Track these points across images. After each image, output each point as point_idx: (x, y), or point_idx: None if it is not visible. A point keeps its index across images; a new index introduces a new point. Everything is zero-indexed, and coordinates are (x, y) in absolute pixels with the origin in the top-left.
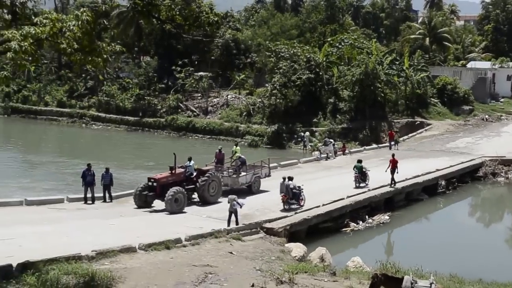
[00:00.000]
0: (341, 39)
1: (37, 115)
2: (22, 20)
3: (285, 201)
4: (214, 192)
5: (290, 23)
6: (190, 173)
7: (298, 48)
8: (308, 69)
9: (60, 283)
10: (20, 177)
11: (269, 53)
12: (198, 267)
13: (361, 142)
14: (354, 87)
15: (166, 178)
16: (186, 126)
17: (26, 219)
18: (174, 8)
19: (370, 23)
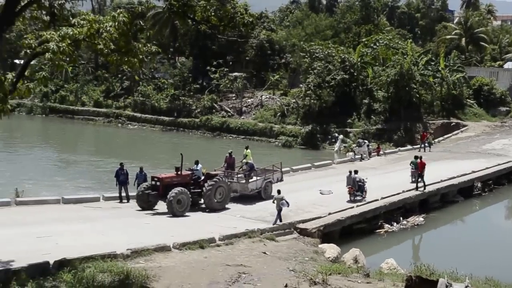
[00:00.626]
0: (376, 39)
1: (74, 115)
2: (60, 21)
3: (351, 193)
4: (222, 198)
5: (325, 23)
6: (197, 176)
7: (332, 49)
8: (343, 69)
9: (95, 281)
10: (56, 175)
11: (304, 54)
12: (232, 267)
13: (396, 143)
14: (389, 87)
15: (171, 179)
16: (220, 126)
17: (63, 217)
18: (209, 9)
19: (405, 24)
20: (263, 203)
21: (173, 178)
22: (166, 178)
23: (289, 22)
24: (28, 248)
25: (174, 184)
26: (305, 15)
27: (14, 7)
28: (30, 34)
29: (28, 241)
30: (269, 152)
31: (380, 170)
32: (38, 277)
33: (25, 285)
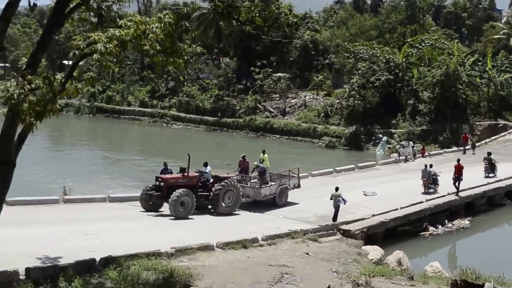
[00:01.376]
0: (422, 39)
1: (120, 114)
2: (107, 23)
3: (426, 185)
4: (231, 203)
5: (369, 23)
6: (206, 179)
7: (377, 49)
8: (387, 70)
9: (140, 278)
10: (103, 174)
11: (348, 54)
12: (275, 267)
13: (441, 145)
14: (435, 88)
15: (176, 180)
16: (264, 127)
17: (109, 215)
18: (254, 10)
19: (451, 23)
20: (306, 203)
21: (178, 179)
22: (171, 179)
23: (333, 22)
24: (75, 245)
25: (180, 185)
26: (350, 15)
27: (63, 9)
28: (79, 36)
29: (75, 238)
30: (312, 153)
31: None
32: (84, 274)
33: (72, 281)
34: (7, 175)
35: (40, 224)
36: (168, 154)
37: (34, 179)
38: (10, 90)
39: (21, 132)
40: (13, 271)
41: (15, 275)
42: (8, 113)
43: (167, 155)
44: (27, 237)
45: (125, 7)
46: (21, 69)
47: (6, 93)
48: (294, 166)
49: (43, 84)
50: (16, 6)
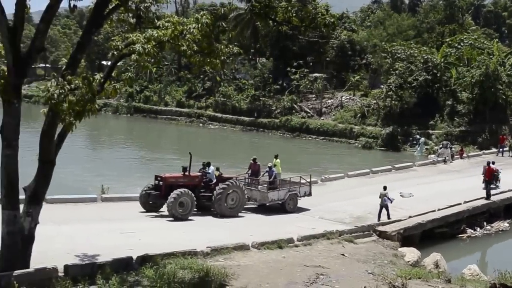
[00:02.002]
0: (461, 39)
1: (158, 114)
2: (145, 24)
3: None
4: (234, 205)
5: (407, 23)
6: (209, 179)
7: (415, 49)
8: (425, 70)
9: (176, 277)
10: (139, 173)
11: (385, 54)
12: (310, 268)
13: (480, 146)
14: (474, 89)
15: (176, 179)
16: (300, 127)
17: (146, 214)
18: (291, 10)
19: (491, 23)
20: (342, 204)
21: (178, 178)
22: (170, 178)
23: (370, 22)
24: (112, 243)
25: (180, 185)
26: (387, 15)
27: (102, 10)
28: (117, 36)
29: (113, 237)
30: (349, 154)
31: (463, 173)
32: (121, 272)
33: (109, 279)
34: (47, 173)
35: (79, 222)
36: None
37: (73, 178)
38: (51, 90)
39: (61, 132)
40: (52, 268)
41: (54, 272)
42: (48, 113)
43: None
44: (65, 235)
45: (163, 8)
46: (61, 70)
47: (47, 93)
48: (330, 167)
49: (83, 84)
50: (57, 7)
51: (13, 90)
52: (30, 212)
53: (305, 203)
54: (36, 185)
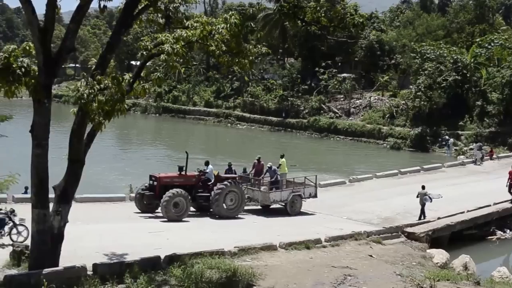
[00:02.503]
0: (491, 39)
1: (186, 114)
2: (174, 24)
3: None
4: (233, 205)
5: (437, 23)
6: (207, 179)
7: (444, 49)
8: (455, 70)
9: (203, 277)
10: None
11: (414, 54)
12: (337, 269)
13: (510, 147)
14: (504, 89)
15: (171, 179)
16: (328, 127)
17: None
18: (320, 10)
19: None
20: (370, 205)
21: (173, 178)
22: (165, 178)
23: (399, 22)
24: (140, 243)
25: (175, 185)
26: (416, 15)
27: (132, 10)
28: (146, 37)
29: (141, 236)
30: (377, 154)
31: (493, 175)
32: (149, 271)
33: (137, 278)
34: (76, 172)
35: (107, 221)
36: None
37: (102, 177)
38: (80, 90)
39: (90, 131)
40: (81, 267)
41: (83, 271)
42: (78, 113)
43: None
44: (94, 233)
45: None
46: (91, 70)
47: (76, 93)
48: (358, 167)
49: (112, 84)
50: (87, 8)
51: (43, 90)
52: (60, 211)
53: (331, 204)
54: (66, 184)
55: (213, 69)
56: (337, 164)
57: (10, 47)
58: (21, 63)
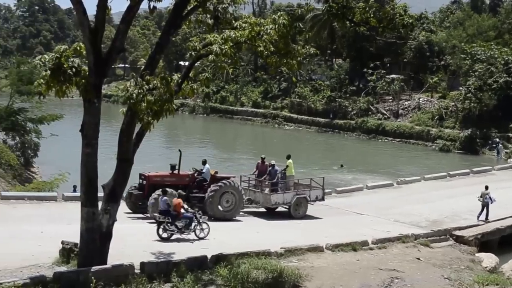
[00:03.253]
0: None
1: (233, 115)
2: (223, 25)
3: None
4: (230, 207)
5: (488, 24)
6: (203, 179)
7: (495, 50)
8: (506, 72)
9: (250, 277)
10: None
11: (464, 56)
12: (384, 271)
13: None
14: None
15: (161, 178)
16: (376, 129)
17: None
18: (369, 11)
19: None
20: (418, 207)
21: (164, 177)
22: (154, 176)
23: (449, 23)
24: (187, 242)
25: (167, 185)
26: (467, 16)
27: (181, 11)
28: (195, 37)
29: (188, 235)
30: (425, 156)
31: None
32: (196, 270)
33: (184, 277)
34: (125, 171)
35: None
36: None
37: None
38: (130, 90)
39: (139, 131)
40: (128, 265)
41: (131, 269)
42: (127, 112)
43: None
44: (143, 232)
45: (240, 9)
46: (140, 70)
47: (126, 93)
48: (406, 169)
49: (161, 84)
50: (137, 9)
51: (93, 90)
52: (108, 210)
53: (378, 206)
54: (115, 183)
55: (261, 69)
56: (385, 166)
57: (61, 48)
58: (72, 63)
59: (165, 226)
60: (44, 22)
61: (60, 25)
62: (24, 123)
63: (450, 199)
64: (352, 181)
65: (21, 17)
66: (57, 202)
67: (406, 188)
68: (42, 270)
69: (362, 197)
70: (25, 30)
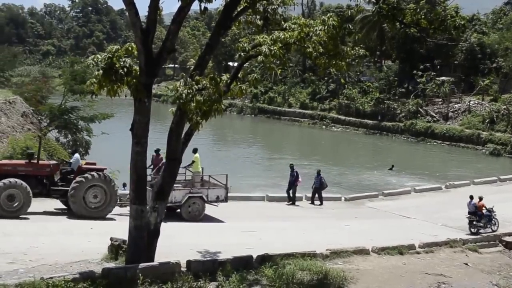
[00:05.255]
0: None
1: (281, 115)
2: (272, 26)
3: None
4: (99, 203)
5: None
6: (70, 170)
7: None
8: None
9: (295, 278)
10: (261, 173)
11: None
12: (431, 276)
13: None
14: None
15: (13, 167)
16: (425, 132)
17: (267, 213)
18: (420, 12)
19: None
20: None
21: (18, 166)
22: (4, 165)
23: (502, 24)
24: (233, 241)
25: (21, 175)
26: None
27: (231, 12)
28: (244, 38)
29: (234, 234)
30: (475, 160)
31: None
32: (241, 270)
33: (230, 276)
34: (173, 170)
35: (201, 219)
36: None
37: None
38: (179, 90)
39: (188, 130)
40: (175, 263)
41: (177, 267)
42: (176, 112)
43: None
44: (189, 231)
45: (290, 10)
46: (190, 70)
47: (175, 93)
48: (454, 173)
49: (210, 84)
50: (188, 9)
51: (144, 89)
52: (156, 208)
53: (426, 210)
54: (163, 182)
55: (309, 71)
56: (434, 169)
57: (113, 48)
58: (123, 63)
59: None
60: (97, 23)
61: (113, 26)
62: (76, 122)
63: (500, 204)
64: (400, 183)
65: (75, 18)
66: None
67: (455, 192)
68: (91, 265)
69: (409, 200)
70: (79, 30)
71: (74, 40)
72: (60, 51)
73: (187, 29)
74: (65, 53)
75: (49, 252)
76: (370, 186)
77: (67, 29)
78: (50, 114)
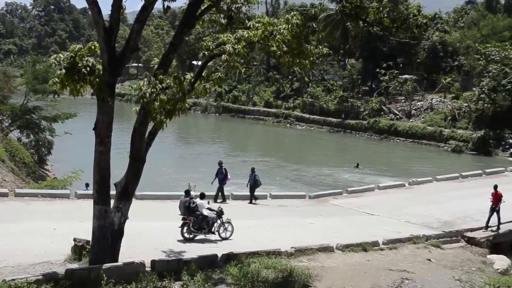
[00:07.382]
0: None
1: (245, 114)
2: (236, 24)
3: None
4: None
5: (503, 24)
6: None
7: (510, 51)
8: None
9: (260, 276)
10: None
11: (478, 56)
12: (395, 272)
13: None
14: None
15: None
16: (388, 129)
17: (231, 212)
18: (382, 11)
19: None
20: (429, 208)
21: None
22: None
23: (463, 23)
24: (198, 240)
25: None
26: (481, 16)
27: (195, 11)
28: (208, 37)
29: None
30: (437, 157)
31: None
32: (206, 269)
33: (194, 275)
34: (137, 170)
35: (166, 219)
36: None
37: (162, 175)
38: (143, 89)
39: (152, 130)
40: (139, 263)
41: (141, 267)
42: (140, 111)
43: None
44: (153, 231)
45: (254, 8)
46: (153, 69)
47: (139, 92)
48: (417, 170)
49: (174, 83)
50: (151, 8)
51: (107, 89)
52: (120, 208)
53: (389, 206)
54: (127, 181)
55: (273, 69)
56: (397, 166)
57: (76, 47)
58: (86, 62)
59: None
60: (59, 22)
61: (75, 25)
62: (38, 121)
63: (462, 200)
64: (363, 181)
65: (37, 17)
66: (70, 199)
67: (418, 189)
68: (54, 267)
69: (373, 197)
70: (41, 29)
71: (36, 39)
72: (22, 50)
73: (151, 28)
74: (27, 52)
75: (11, 254)
76: (334, 184)
77: (29, 28)
78: (12, 114)
